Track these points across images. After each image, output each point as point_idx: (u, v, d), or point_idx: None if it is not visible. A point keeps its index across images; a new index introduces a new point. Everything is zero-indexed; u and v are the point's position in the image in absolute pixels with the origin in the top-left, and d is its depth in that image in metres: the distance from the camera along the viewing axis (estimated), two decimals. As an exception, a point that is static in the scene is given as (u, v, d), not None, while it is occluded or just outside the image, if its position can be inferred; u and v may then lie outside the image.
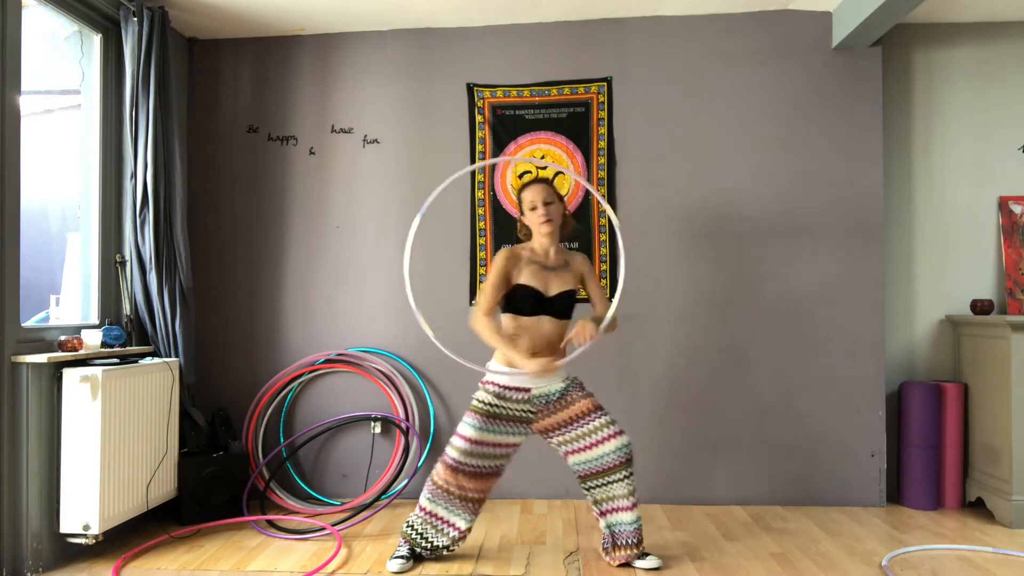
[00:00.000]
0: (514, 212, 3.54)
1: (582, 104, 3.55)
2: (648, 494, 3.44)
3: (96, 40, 3.21)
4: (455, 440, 2.59)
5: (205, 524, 3.11)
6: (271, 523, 3.14)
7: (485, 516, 3.25)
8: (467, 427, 2.57)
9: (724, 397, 3.45)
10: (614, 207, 3.51)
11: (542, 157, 3.55)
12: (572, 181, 3.53)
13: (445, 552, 2.67)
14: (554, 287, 2.59)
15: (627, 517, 2.59)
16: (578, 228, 2.83)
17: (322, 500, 3.51)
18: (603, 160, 3.53)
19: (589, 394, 2.63)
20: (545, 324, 2.57)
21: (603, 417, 2.58)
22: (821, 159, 3.44)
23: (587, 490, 2.64)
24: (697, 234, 3.48)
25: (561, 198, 2.73)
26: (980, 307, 3.39)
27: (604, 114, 3.53)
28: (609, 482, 2.58)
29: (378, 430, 3.56)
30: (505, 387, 2.58)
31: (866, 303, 3.40)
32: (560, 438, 2.62)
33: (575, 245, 3.47)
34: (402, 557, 2.63)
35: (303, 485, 3.56)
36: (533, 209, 2.62)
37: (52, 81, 3.38)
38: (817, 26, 3.45)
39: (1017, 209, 3.52)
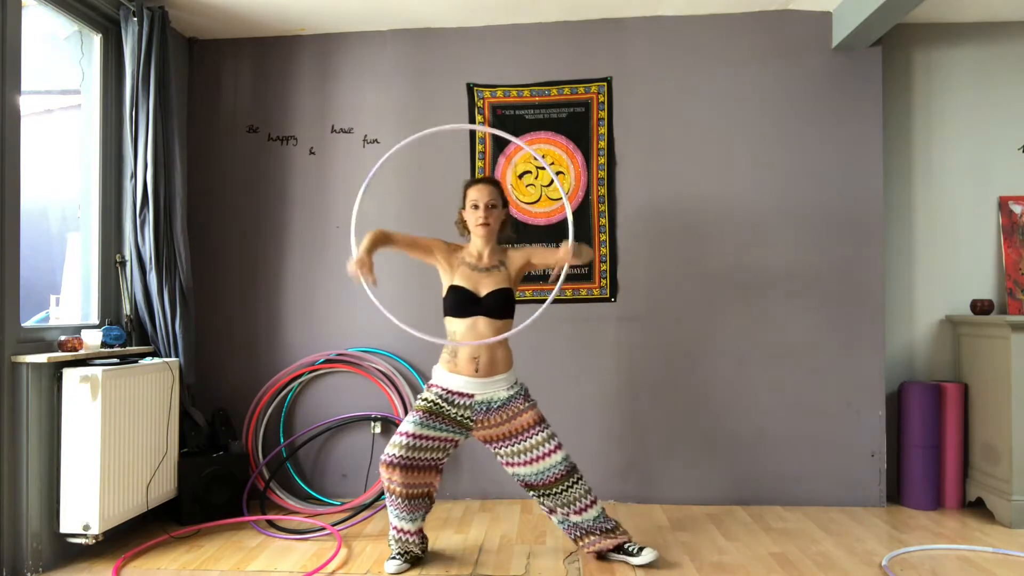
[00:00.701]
0: (514, 211, 3.54)
1: (582, 104, 3.55)
2: (648, 494, 3.44)
3: (96, 40, 3.20)
4: (394, 437, 2.58)
5: (205, 524, 3.11)
6: (271, 523, 3.14)
7: (485, 516, 3.25)
8: (407, 423, 2.58)
9: (725, 397, 3.45)
10: (614, 206, 3.51)
11: (542, 157, 3.54)
12: (572, 180, 3.53)
13: (419, 553, 2.67)
14: (485, 287, 2.59)
15: (580, 518, 2.59)
16: (512, 236, 2.85)
17: (322, 500, 3.51)
18: (603, 160, 3.52)
19: (533, 405, 2.61)
20: (480, 325, 2.56)
21: (542, 433, 2.57)
22: (821, 159, 3.44)
23: (533, 496, 2.65)
24: (696, 234, 3.48)
25: (506, 203, 2.73)
26: (980, 307, 3.39)
27: (604, 114, 3.53)
28: (555, 492, 2.58)
29: (378, 430, 3.56)
30: (448, 391, 2.58)
31: (866, 303, 3.40)
32: (501, 450, 2.62)
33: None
34: (397, 557, 2.62)
35: (303, 485, 3.56)
36: (475, 208, 2.63)
37: (52, 81, 3.38)
38: (817, 26, 3.45)
39: (1017, 209, 3.52)
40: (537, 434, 2.57)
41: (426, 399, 2.60)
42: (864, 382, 3.39)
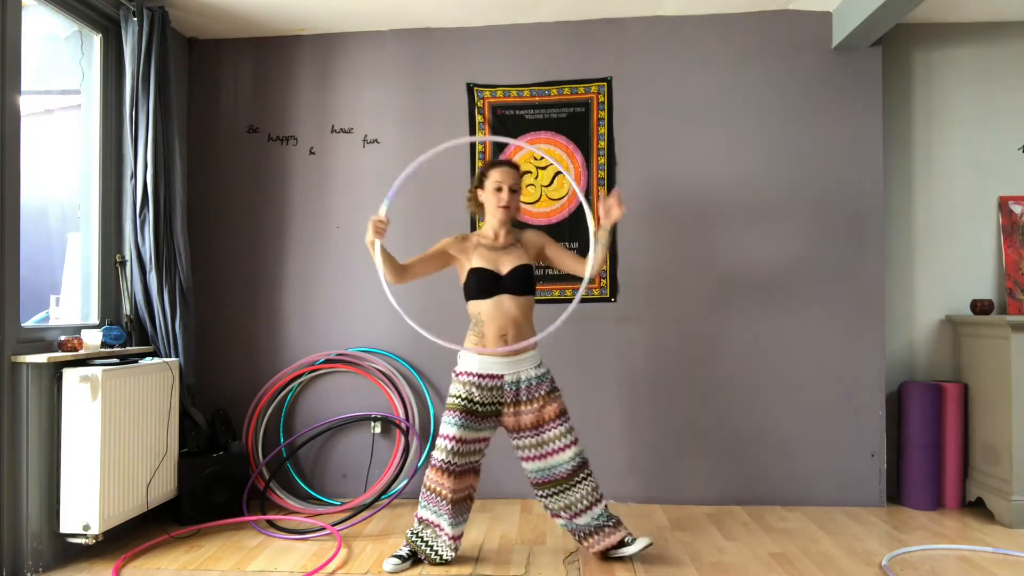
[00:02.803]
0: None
1: (582, 104, 3.55)
2: (648, 494, 3.44)
3: (96, 40, 3.20)
4: (440, 442, 2.58)
5: (205, 524, 3.11)
6: (271, 523, 3.14)
7: (485, 516, 3.25)
8: (449, 426, 2.57)
9: (725, 397, 3.45)
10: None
11: (542, 157, 3.55)
12: (572, 175, 3.52)
13: (448, 559, 2.64)
14: (506, 265, 2.60)
15: (583, 519, 2.61)
16: (518, 217, 2.86)
17: (322, 500, 3.51)
18: (603, 160, 3.52)
19: (558, 396, 2.63)
20: (505, 303, 2.57)
21: (563, 426, 2.59)
22: (821, 159, 3.44)
23: (539, 497, 2.66)
24: (696, 234, 3.48)
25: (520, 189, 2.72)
26: (980, 307, 3.39)
27: (604, 114, 3.53)
28: (562, 490, 2.59)
29: (378, 430, 3.56)
30: (479, 375, 2.57)
31: (866, 303, 3.40)
32: (521, 442, 2.63)
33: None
34: (399, 557, 2.63)
35: (303, 485, 3.56)
36: (498, 190, 2.63)
37: (52, 81, 3.38)
38: (817, 26, 3.45)
39: (1017, 209, 3.52)
40: (557, 427, 2.58)
41: (458, 395, 2.59)
42: (864, 382, 3.39)
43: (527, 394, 2.59)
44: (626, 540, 2.63)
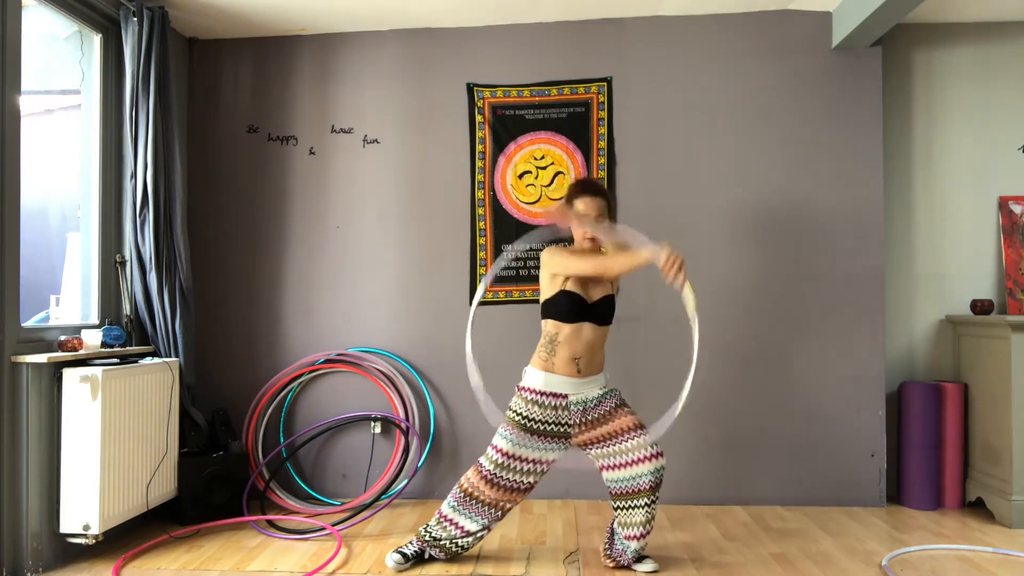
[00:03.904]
0: (513, 212, 3.54)
1: (582, 104, 3.55)
2: (648, 494, 3.44)
3: (96, 40, 3.20)
4: (490, 451, 2.56)
5: (205, 524, 3.11)
6: (271, 523, 3.14)
7: (485, 516, 3.25)
8: (501, 439, 2.54)
9: (723, 398, 3.45)
10: (613, 206, 3.50)
11: (542, 157, 3.55)
12: (571, 180, 3.52)
13: (461, 552, 2.64)
14: (596, 292, 2.56)
15: (639, 544, 2.55)
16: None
17: (322, 500, 3.51)
18: (603, 160, 3.53)
19: (632, 410, 2.58)
20: (586, 331, 2.53)
21: (645, 436, 2.53)
22: (821, 159, 3.44)
23: (618, 509, 2.58)
24: (696, 234, 3.48)
25: (611, 207, 2.65)
26: (980, 307, 3.39)
27: (604, 114, 3.53)
28: (647, 504, 2.51)
29: (378, 430, 3.56)
30: (542, 392, 2.52)
31: (866, 303, 3.40)
32: (599, 451, 2.57)
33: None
34: (403, 555, 2.63)
35: (303, 485, 3.56)
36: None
37: (52, 81, 3.38)
38: (817, 26, 3.45)
39: (1017, 209, 3.52)
40: (639, 437, 2.51)
41: (516, 411, 2.54)
42: (864, 382, 3.39)
43: (596, 412, 2.54)
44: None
